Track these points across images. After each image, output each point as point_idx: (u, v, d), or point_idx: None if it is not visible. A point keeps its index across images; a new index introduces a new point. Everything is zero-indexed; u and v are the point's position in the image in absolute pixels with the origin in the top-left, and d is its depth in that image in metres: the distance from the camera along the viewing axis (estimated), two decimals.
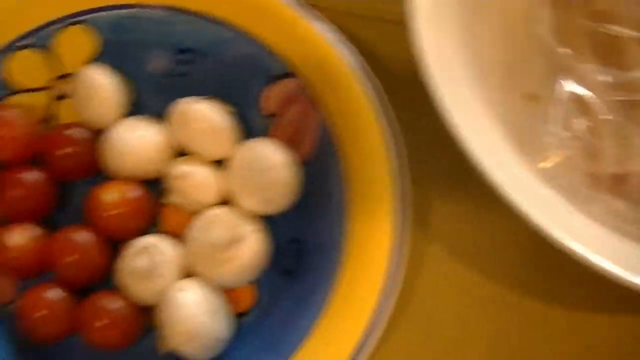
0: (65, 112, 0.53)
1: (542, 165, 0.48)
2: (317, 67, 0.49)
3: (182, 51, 0.52)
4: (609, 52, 0.50)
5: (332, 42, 0.49)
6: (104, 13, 0.51)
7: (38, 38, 0.52)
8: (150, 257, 0.48)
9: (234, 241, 0.48)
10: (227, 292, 0.49)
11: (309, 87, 0.49)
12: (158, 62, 0.52)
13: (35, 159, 0.51)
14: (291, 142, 0.50)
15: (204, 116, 0.50)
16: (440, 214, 0.52)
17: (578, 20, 0.51)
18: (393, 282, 0.47)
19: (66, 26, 0.52)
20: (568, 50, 0.50)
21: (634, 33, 0.50)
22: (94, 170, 0.51)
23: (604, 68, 0.50)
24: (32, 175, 0.51)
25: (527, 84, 0.51)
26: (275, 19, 0.50)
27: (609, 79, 0.50)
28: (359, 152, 0.48)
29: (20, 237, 0.50)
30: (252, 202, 0.49)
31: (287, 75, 0.50)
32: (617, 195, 0.49)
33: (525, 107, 0.50)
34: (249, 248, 0.48)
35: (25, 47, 0.52)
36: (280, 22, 0.50)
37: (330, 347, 0.46)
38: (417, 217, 0.48)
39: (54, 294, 0.49)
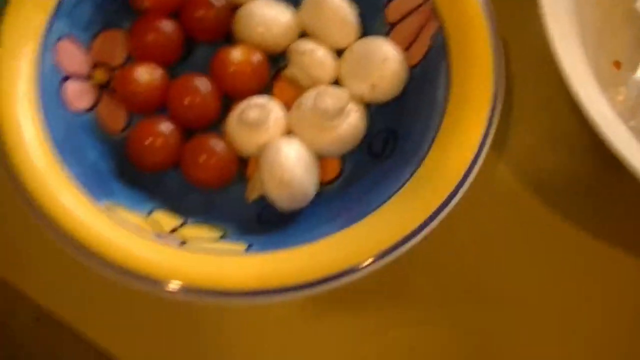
0: None
1: (618, 104, 0.53)
2: None
3: None
4: None
5: None
6: None
7: None
8: (262, 112, 0.53)
9: (339, 113, 0.53)
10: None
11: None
12: None
13: (173, 14, 0.57)
14: (406, 47, 0.56)
15: (338, 6, 0.56)
16: (517, 141, 0.57)
17: None
18: (465, 184, 0.51)
19: None
20: None
21: None
22: (222, 35, 0.57)
23: None
24: (167, 25, 0.56)
25: (616, 51, 0.57)
26: None
27: None
28: (466, 65, 0.53)
29: (147, 73, 0.55)
30: (360, 87, 0.55)
31: None
32: None
33: (611, 68, 0.56)
34: (349, 124, 0.53)
35: None
36: None
37: (395, 219, 0.50)
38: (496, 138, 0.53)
39: (164, 126, 0.54)
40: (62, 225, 0.48)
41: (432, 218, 0.49)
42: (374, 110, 0.56)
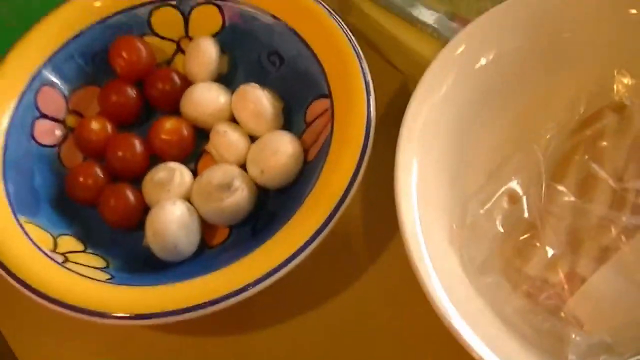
0: (179, 63, 0.70)
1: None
2: (345, 94, 0.62)
3: (273, 53, 0.68)
4: (584, 185, 0.60)
5: (363, 81, 0.62)
6: (232, 3, 0.68)
7: (181, 2, 0.70)
8: (170, 175, 0.63)
9: (226, 188, 0.61)
10: (207, 226, 0.63)
11: (335, 108, 0.63)
12: (254, 53, 0.68)
13: (139, 80, 0.68)
14: (310, 145, 0.64)
15: (258, 99, 0.65)
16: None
17: (576, 156, 0.61)
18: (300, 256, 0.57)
19: (204, 3, 0.69)
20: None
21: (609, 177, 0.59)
22: (173, 106, 0.68)
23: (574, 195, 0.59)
24: (131, 90, 0.68)
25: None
26: (333, 51, 0.65)
27: (570, 202, 0.59)
28: (333, 169, 0.60)
29: (99, 126, 0.67)
30: (254, 170, 0.63)
31: (327, 95, 0.64)
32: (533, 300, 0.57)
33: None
34: (234, 200, 0.62)
35: (171, 6, 0.70)
36: (335, 55, 0.64)
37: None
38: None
39: (97, 170, 0.65)
40: None
41: (263, 278, 0.57)
42: (272, 196, 0.64)
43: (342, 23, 0.65)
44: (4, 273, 0.58)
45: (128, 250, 0.64)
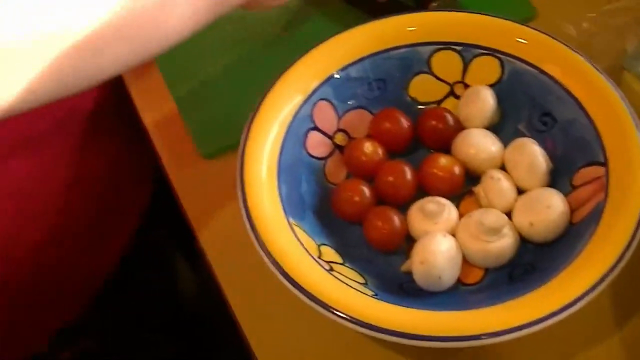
0: (448, 105, 0.74)
1: None
2: (624, 166, 0.65)
3: (546, 114, 0.71)
4: None
5: None
6: (514, 60, 0.72)
7: (465, 50, 0.73)
8: (440, 209, 0.66)
9: (495, 232, 0.64)
10: (464, 263, 0.66)
11: (610, 177, 0.65)
12: (526, 110, 0.72)
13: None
14: (576, 207, 0.66)
15: (535, 154, 0.68)
16: None
17: None
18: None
19: (487, 54, 0.73)
20: None
21: None
22: (441, 144, 0.71)
23: None
24: (403, 121, 0.72)
25: None
26: (612, 121, 0.67)
27: None
28: (606, 237, 0.62)
29: (371, 147, 0.70)
30: (521, 221, 0.66)
31: (603, 164, 0.66)
32: None
33: None
34: (499, 244, 0.64)
35: (454, 50, 0.74)
36: (614, 126, 0.67)
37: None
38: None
39: (365, 189, 0.69)
40: (254, 217, 0.64)
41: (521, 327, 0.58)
42: (530, 248, 0.66)
43: (622, 94, 0.68)
44: (277, 271, 0.61)
45: (383, 272, 0.66)
